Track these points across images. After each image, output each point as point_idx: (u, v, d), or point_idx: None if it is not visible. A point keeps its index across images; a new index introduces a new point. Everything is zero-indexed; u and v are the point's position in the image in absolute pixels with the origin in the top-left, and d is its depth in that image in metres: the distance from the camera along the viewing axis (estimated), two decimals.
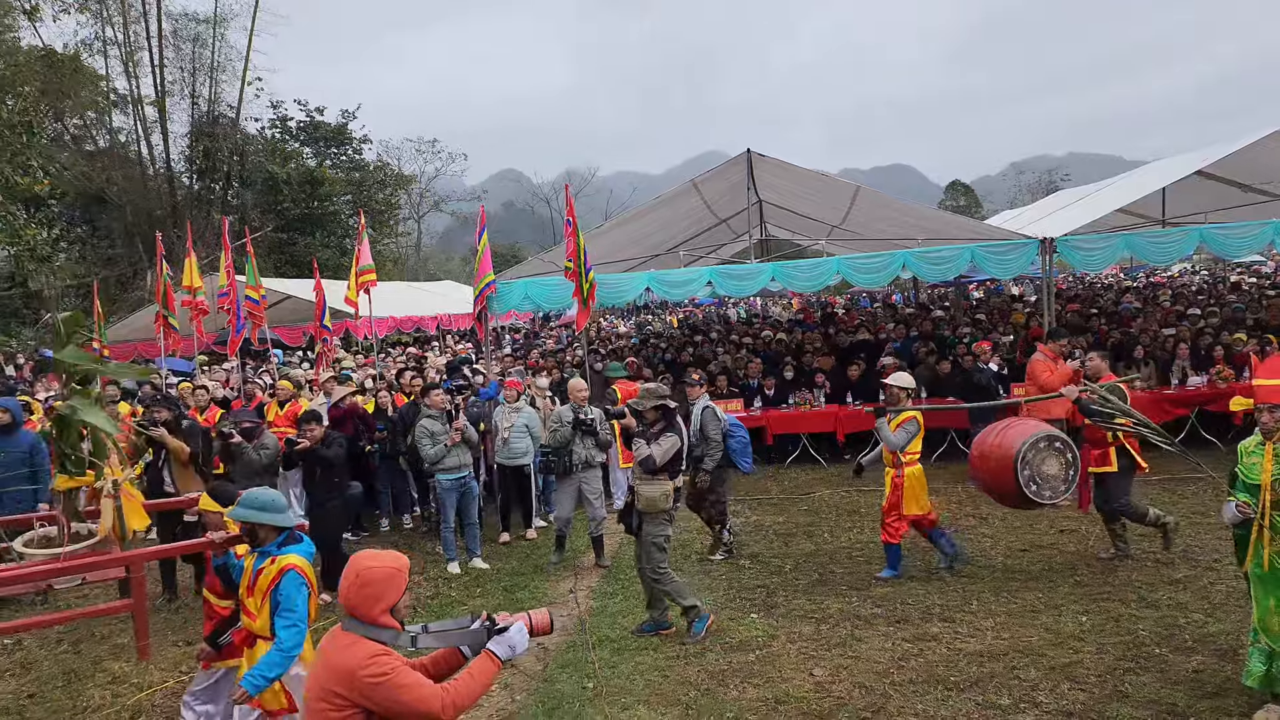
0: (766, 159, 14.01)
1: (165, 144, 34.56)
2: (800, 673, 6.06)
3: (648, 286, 13.52)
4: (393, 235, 45.66)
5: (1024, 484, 7.37)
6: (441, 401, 9.19)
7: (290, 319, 21.88)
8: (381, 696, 3.01)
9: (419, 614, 7.83)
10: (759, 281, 13.37)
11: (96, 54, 32.61)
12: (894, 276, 14.24)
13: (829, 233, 16.55)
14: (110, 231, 32.24)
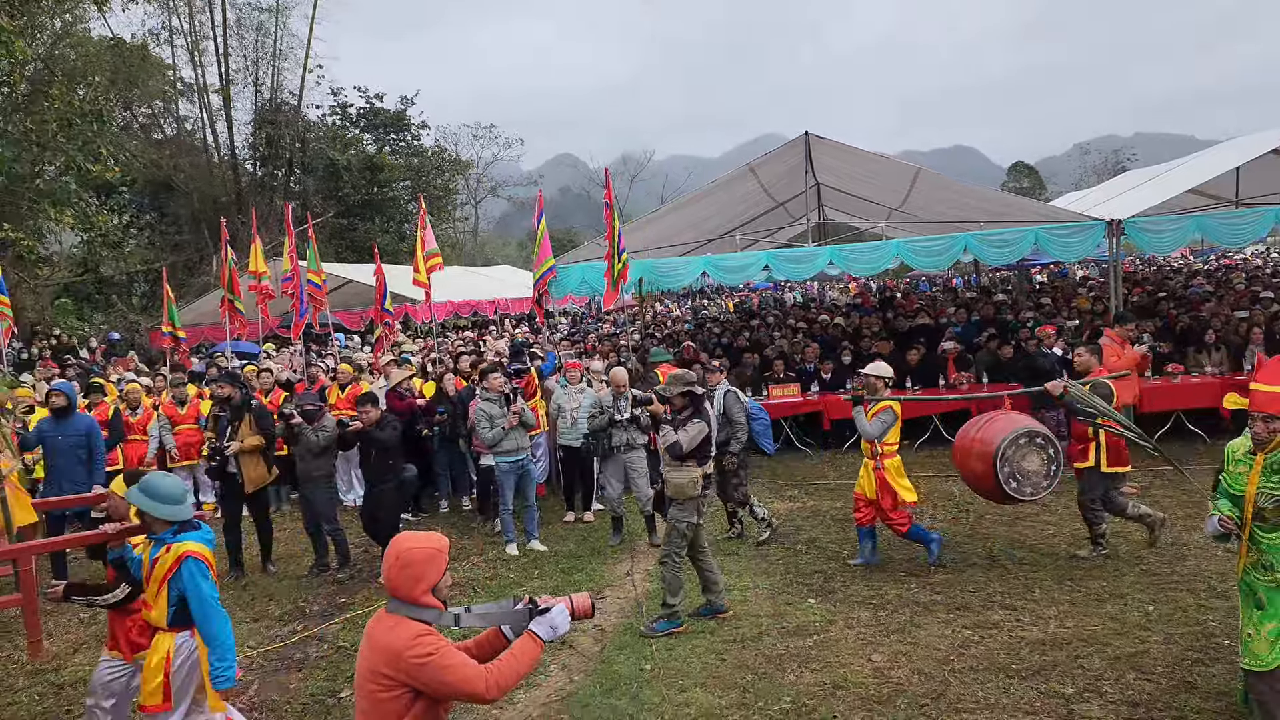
0: (825, 141, 13.87)
1: (230, 131, 35.26)
2: (858, 658, 6.03)
3: (704, 271, 13.48)
4: (450, 220, 46.06)
5: (1004, 480, 7.31)
6: (500, 385, 9.26)
7: (351, 303, 22.25)
8: (427, 676, 3.06)
9: (477, 595, 7.95)
10: (816, 265, 13.25)
11: (163, 43, 33.33)
12: (955, 260, 14.03)
13: (888, 215, 16.34)
14: (177, 218, 32.99)
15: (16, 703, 6.39)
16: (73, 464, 8.77)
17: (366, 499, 8.90)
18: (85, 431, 8.92)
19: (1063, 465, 7.44)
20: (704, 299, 37.01)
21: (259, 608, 8.03)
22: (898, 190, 15.49)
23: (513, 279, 29.24)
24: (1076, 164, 75.25)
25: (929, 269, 20.27)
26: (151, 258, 29.94)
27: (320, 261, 15.06)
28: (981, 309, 16.52)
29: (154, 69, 30.07)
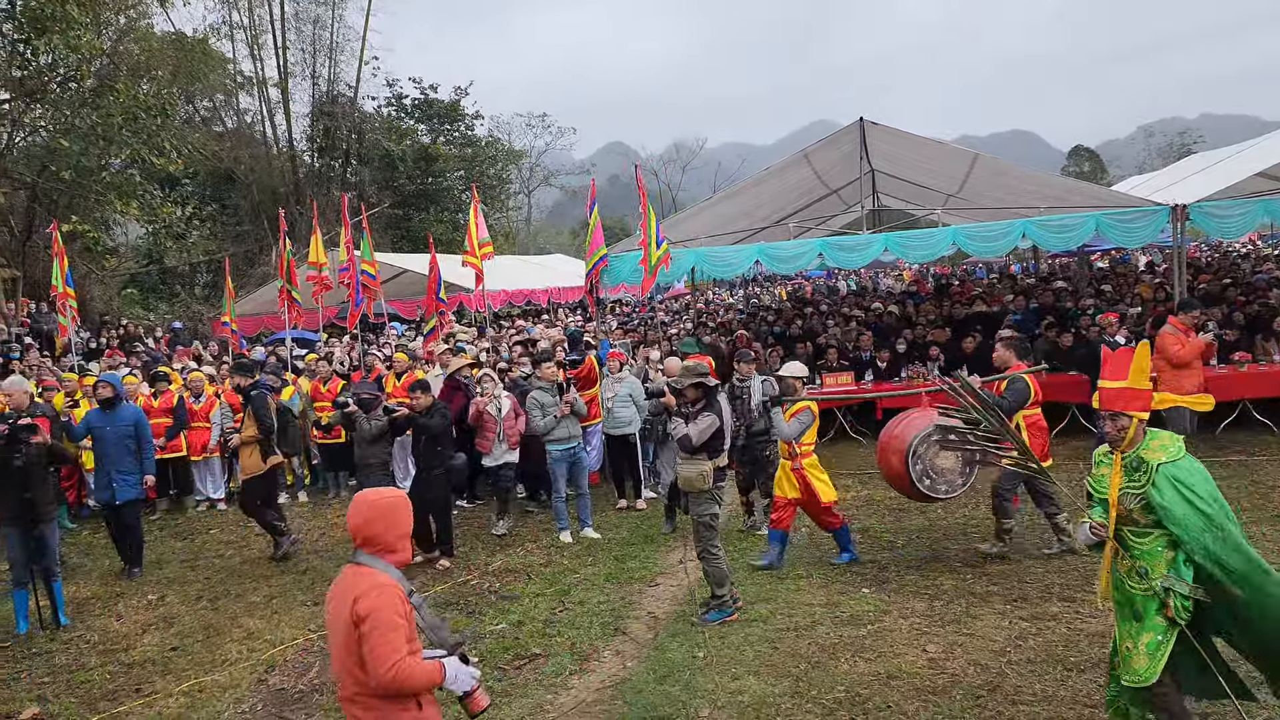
0: (880, 127, 13.72)
1: (288, 123, 35.86)
2: (913, 648, 5.99)
3: (757, 259, 13.42)
4: (504, 210, 46.38)
5: (916, 479, 7.23)
6: (552, 374, 9.34)
7: (406, 293, 22.52)
8: (365, 627, 3.14)
9: (532, 581, 8.03)
10: (871, 253, 13.10)
11: (224, 38, 33.97)
12: (1013, 246, 13.81)
13: (944, 202, 16.12)
14: (238, 209, 33.66)
15: (89, 681, 6.60)
16: (122, 454, 8.84)
17: (414, 484, 9.03)
18: (133, 422, 8.99)
19: (977, 464, 7.34)
20: (756, 287, 36.84)
21: (319, 591, 8.19)
22: (954, 176, 15.28)
23: (565, 267, 29.36)
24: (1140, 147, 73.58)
25: (986, 255, 20.00)
26: (213, 248, 30.61)
27: (374, 252, 15.26)
28: (1040, 296, 16.23)
29: (215, 63, 30.67)
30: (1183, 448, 4.28)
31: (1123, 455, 4.33)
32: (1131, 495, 4.25)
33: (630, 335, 16.95)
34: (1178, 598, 4.13)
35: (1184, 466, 4.20)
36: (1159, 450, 4.25)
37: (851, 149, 14.49)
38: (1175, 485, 4.13)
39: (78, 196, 23.75)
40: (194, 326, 24.95)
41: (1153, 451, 4.26)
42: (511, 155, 47.11)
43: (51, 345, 17.79)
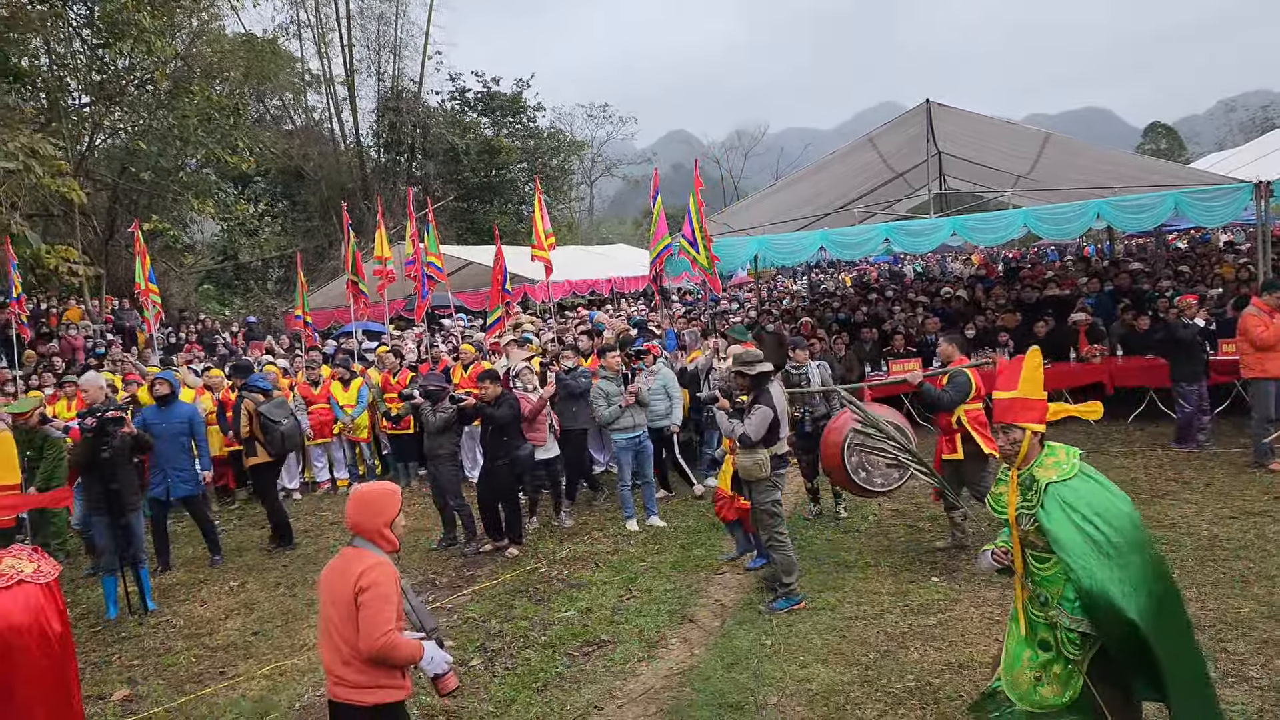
0: (947, 108, 13.49)
1: (355, 120, 36.50)
2: (985, 638, 5.91)
3: (822, 246, 13.29)
4: (566, 200, 46.64)
5: (852, 471, 7.18)
6: (617, 363, 9.38)
7: (471, 284, 22.78)
8: (365, 597, 3.51)
9: (599, 569, 8.09)
10: (939, 237, 12.89)
11: (292, 37, 34.69)
12: (1087, 228, 13.42)
13: (1014, 183, 15.77)
14: (307, 205, 34.38)
15: (175, 664, 6.84)
16: (176, 451, 8.91)
17: (482, 474, 9.15)
18: (187, 419, 9.05)
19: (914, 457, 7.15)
20: (820, 274, 36.51)
21: None
22: (1024, 156, 14.94)
23: (627, 257, 29.42)
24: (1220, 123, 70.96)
25: (1058, 238, 19.52)
26: (284, 244, 31.37)
27: (440, 244, 15.47)
28: (1116, 279, 15.81)
29: (284, 62, 31.34)
30: (1077, 465, 3.98)
31: (1018, 472, 4.07)
32: (1026, 516, 3.98)
33: (695, 324, 16.92)
34: (1063, 631, 3.89)
35: (1074, 486, 3.89)
36: (1051, 468, 3.98)
37: (918, 131, 14.26)
38: (1063, 507, 3.85)
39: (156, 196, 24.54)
40: (267, 321, 25.60)
41: (1045, 469, 3.99)
42: (573, 146, 47.32)
43: (134, 341, 18.39)
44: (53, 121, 19.50)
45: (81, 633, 7.50)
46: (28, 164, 14.38)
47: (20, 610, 3.57)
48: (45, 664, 3.65)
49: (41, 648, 3.64)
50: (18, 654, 3.55)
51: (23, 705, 3.52)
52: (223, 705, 6.05)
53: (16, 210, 15.77)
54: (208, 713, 5.99)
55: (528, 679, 5.96)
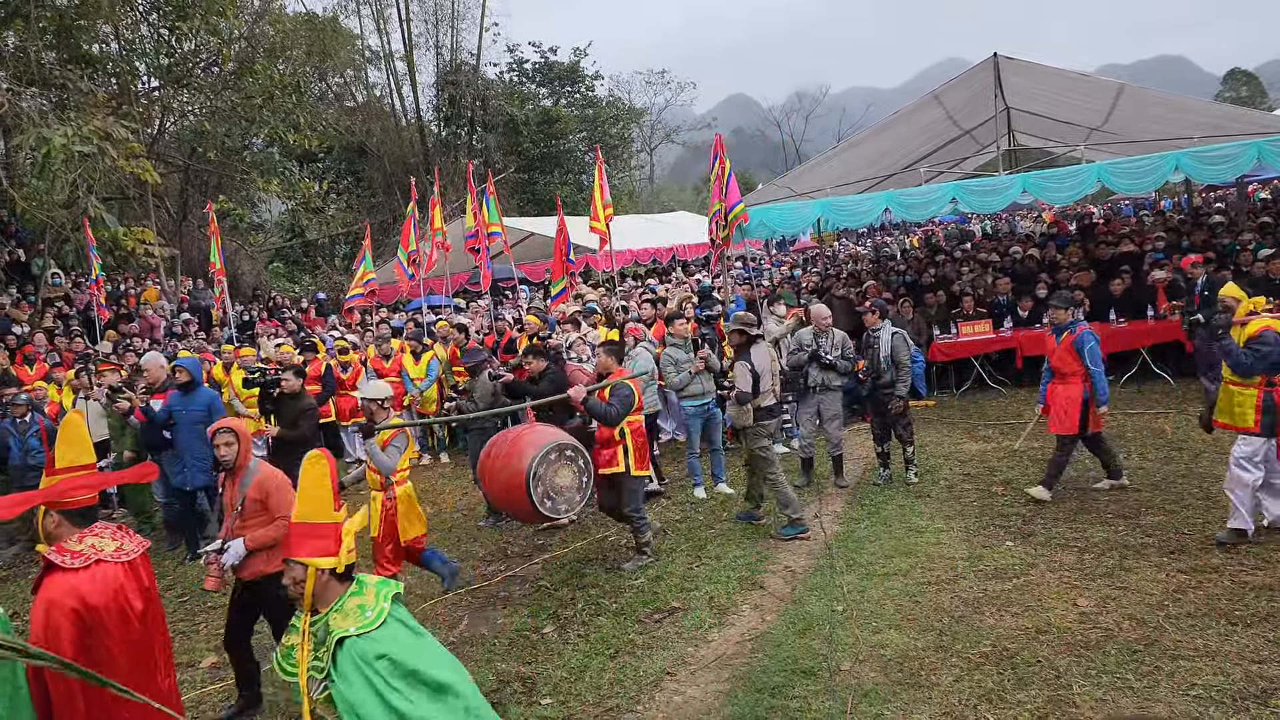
0: (1015, 61, 13.14)
1: (415, 95, 36.73)
2: (1063, 602, 5.81)
3: (887, 208, 13.05)
4: (626, 169, 46.50)
5: (539, 501, 6.56)
6: (685, 330, 9.34)
7: (534, 255, 22.88)
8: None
9: (669, 537, 8.11)
10: (1009, 195, 12.55)
11: (351, 14, 35.01)
12: (1164, 180, 12.94)
13: (1087, 137, 15.31)
14: (371, 181, 34.80)
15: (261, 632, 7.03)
16: (194, 439, 8.60)
17: None
18: (206, 406, 8.77)
19: (592, 477, 6.90)
20: (886, 236, 35.91)
21: (464, 549, 8.51)
22: (1098, 109, 14.47)
23: (688, 224, 29.25)
24: None
25: (1134, 192, 18.88)
26: (350, 220, 31.78)
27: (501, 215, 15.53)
28: (1192, 235, 15.27)
29: (344, 40, 31.61)
30: (386, 609, 3.15)
31: (310, 619, 3.22)
32: (316, 681, 3.12)
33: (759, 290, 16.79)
34: None
35: (380, 638, 3.04)
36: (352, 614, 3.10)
37: (985, 87, 13.91)
38: (361, 667, 2.99)
39: (225, 176, 25.03)
40: (336, 296, 26.04)
41: (343, 616, 3.11)
42: (632, 114, 47.09)
43: (209, 320, 18.87)
44: (123, 105, 19.96)
45: (170, 604, 7.75)
46: (102, 147, 14.75)
47: (97, 591, 3.61)
48: (125, 643, 3.70)
49: (121, 628, 3.67)
50: (96, 634, 3.61)
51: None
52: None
53: (93, 194, 16.20)
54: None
55: (600, 646, 6.02)
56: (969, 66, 14.09)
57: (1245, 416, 6.44)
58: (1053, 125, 16.79)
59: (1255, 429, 6.37)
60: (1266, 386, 6.32)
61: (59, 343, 14.83)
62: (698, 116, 67.35)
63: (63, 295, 18.37)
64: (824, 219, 14.40)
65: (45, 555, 3.66)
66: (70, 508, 3.74)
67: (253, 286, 25.52)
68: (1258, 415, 6.35)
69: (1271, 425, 6.31)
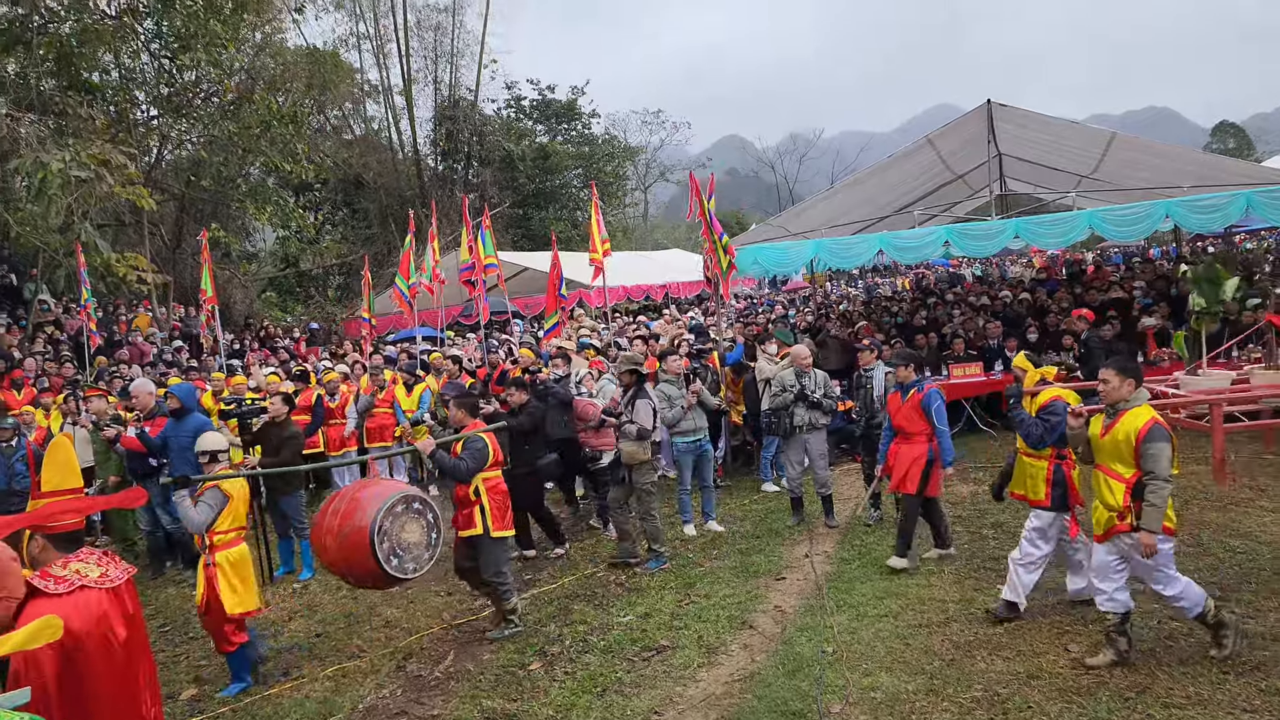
0: (1008, 108, 13.31)
1: (412, 129, 36.97)
2: (1054, 648, 5.77)
3: (880, 249, 13.14)
4: (621, 206, 46.76)
5: (384, 559, 5.94)
6: (678, 366, 9.34)
7: (528, 289, 22.93)
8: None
9: (657, 572, 8.05)
10: (1002, 240, 12.66)
11: (351, 49, 35.40)
12: (1154, 229, 13.11)
13: (1077, 184, 15.47)
14: (367, 213, 34.91)
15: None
16: (183, 465, 8.40)
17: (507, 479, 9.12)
18: (194, 432, 8.29)
19: (441, 532, 6.38)
20: (878, 277, 36.14)
21: (451, 582, 8.42)
22: (1089, 157, 14.66)
23: (682, 262, 29.37)
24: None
25: (1124, 240, 19.10)
26: (345, 251, 31.84)
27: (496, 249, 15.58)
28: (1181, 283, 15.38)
29: (344, 74, 31.85)
30: None
31: None
32: None
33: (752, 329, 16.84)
34: None
35: None
36: None
37: (978, 132, 14.08)
38: None
39: (220, 204, 25.08)
40: (328, 327, 26.02)
41: None
42: (628, 152, 47.46)
43: (200, 348, 18.82)
44: (121, 132, 20.03)
45: (152, 633, 7.64)
46: (99, 173, 14.78)
47: (80, 617, 3.57)
48: (108, 672, 3.64)
49: (103, 656, 3.62)
50: (78, 662, 3.56)
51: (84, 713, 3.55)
52: (287, 706, 6.13)
53: (88, 219, 16.20)
54: (273, 713, 6.08)
55: (587, 684, 5.95)
56: (961, 113, 14.27)
57: (1037, 489, 6.35)
58: (1044, 172, 16.98)
59: (1046, 502, 6.27)
60: (1056, 459, 6.23)
61: (48, 368, 14.76)
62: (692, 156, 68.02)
63: (53, 320, 18.32)
64: (817, 259, 14.46)
65: (29, 580, 3.61)
66: (56, 532, 3.69)
67: (245, 315, 25.48)
68: (1048, 488, 6.26)
69: (1062, 498, 6.22)
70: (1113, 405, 5.41)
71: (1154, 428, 5.19)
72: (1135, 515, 5.23)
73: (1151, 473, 5.16)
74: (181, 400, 8.92)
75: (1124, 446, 5.29)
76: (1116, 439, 5.33)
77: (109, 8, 19.69)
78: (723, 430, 11.21)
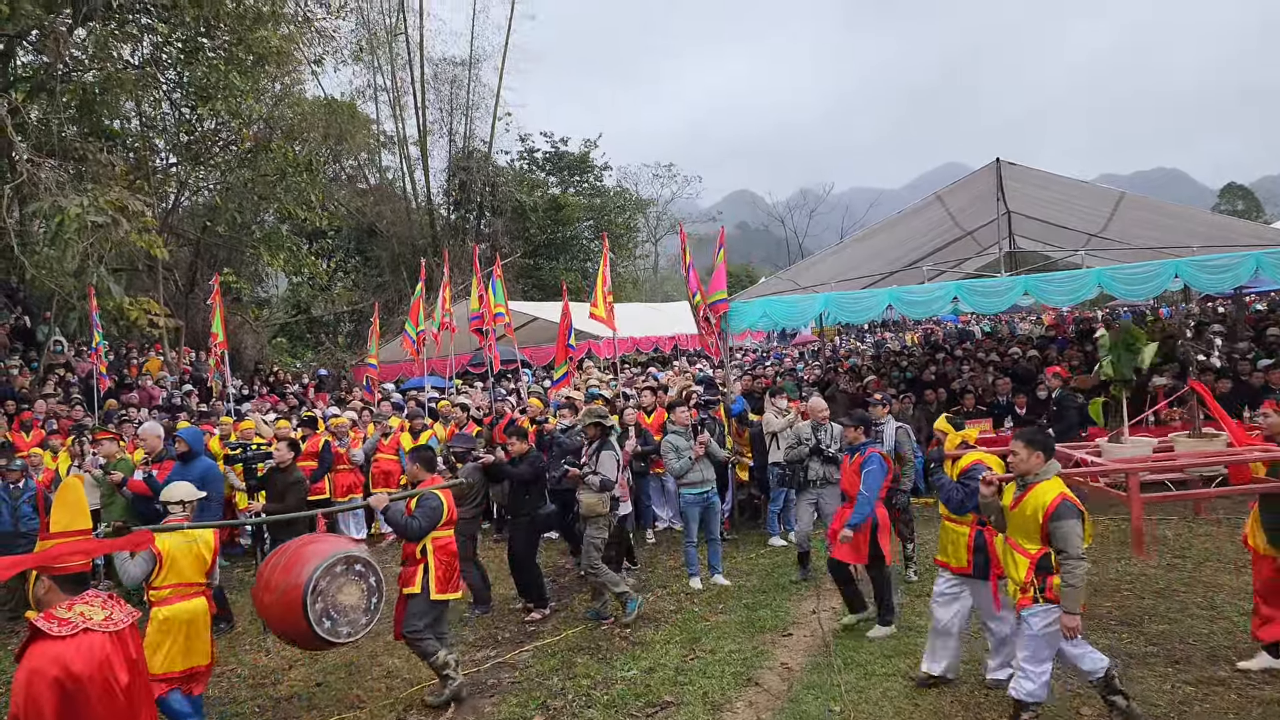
0: (1016, 167, 13.40)
1: (426, 179, 37.34)
2: (1066, 711, 5.68)
3: (889, 304, 13.16)
4: (631, 258, 47.03)
5: (316, 621, 5.66)
6: (686, 418, 9.32)
7: (538, 339, 23.00)
8: None
9: (661, 627, 7.98)
10: (1011, 297, 12.64)
11: (368, 100, 35.81)
12: (1163, 288, 13.09)
13: (1086, 243, 15.55)
14: (379, 261, 35.16)
15: (241, 713, 6.87)
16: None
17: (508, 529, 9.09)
18: (199, 477, 8.46)
19: (383, 597, 6.04)
20: (887, 332, 36.18)
21: (454, 634, 8.34)
22: (1098, 216, 14.73)
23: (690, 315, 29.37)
24: None
25: (1133, 299, 19.11)
26: (356, 298, 32.03)
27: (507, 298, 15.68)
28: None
29: (361, 125, 32.29)
30: None
31: None
32: None
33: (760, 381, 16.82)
34: None
35: None
36: None
37: (987, 190, 14.17)
38: None
39: (235, 250, 25.31)
40: (338, 374, 26.07)
41: None
42: (639, 204, 47.86)
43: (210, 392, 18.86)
44: (140, 179, 20.29)
45: None
46: (116, 219, 14.94)
47: (82, 660, 3.54)
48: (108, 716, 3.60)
49: (104, 700, 3.58)
50: (78, 706, 3.53)
51: None
52: None
53: (102, 263, 16.36)
54: None
55: None
56: (969, 171, 14.38)
57: (959, 555, 6.16)
58: (1052, 230, 17.06)
59: (968, 569, 6.08)
60: (978, 524, 6.03)
61: (58, 410, 14.80)
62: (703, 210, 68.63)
63: (64, 363, 18.40)
64: (826, 313, 14.49)
65: (33, 621, 3.59)
66: (63, 573, 3.68)
67: (255, 360, 25.57)
68: (969, 555, 6.06)
69: (984, 565, 6.00)
70: (1022, 477, 5.29)
71: (1061, 505, 5.03)
72: (1038, 590, 5.10)
73: (1064, 552, 4.99)
74: (189, 444, 8.98)
75: (1031, 521, 5.16)
76: (1025, 513, 5.20)
77: (132, 58, 20.07)
78: (729, 483, 11.16)
